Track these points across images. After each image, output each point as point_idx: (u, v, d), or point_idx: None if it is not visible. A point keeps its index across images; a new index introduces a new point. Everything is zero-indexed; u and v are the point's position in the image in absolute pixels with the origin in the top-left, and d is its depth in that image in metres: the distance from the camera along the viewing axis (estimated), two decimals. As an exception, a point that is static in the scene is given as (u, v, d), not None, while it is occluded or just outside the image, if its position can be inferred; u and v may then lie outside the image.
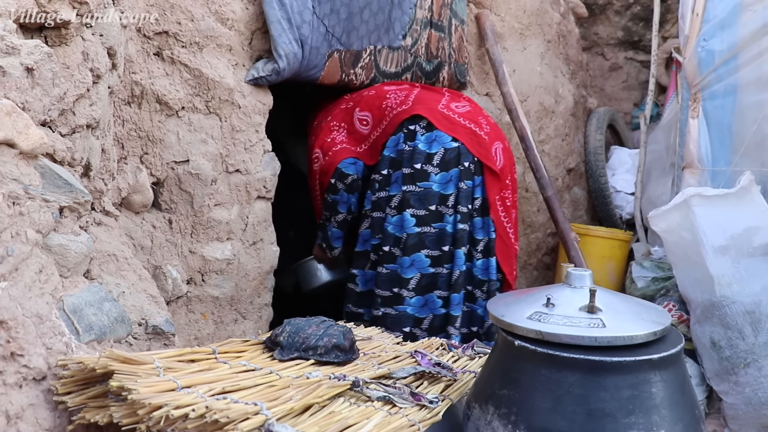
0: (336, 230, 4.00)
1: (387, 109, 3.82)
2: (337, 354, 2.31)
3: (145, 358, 1.92)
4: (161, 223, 3.19)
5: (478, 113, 3.93)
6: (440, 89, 4.14)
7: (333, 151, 3.88)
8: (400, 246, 3.68)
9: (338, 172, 3.83)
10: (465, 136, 3.74)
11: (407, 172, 3.69)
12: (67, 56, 2.17)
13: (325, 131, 4.00)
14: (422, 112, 3.74)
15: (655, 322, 1.95)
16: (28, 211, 1.86)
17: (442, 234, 3.68)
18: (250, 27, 3.39)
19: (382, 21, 3.90)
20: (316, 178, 3.97)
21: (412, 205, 3.67)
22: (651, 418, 1.81)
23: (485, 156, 3.76)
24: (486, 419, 1.93)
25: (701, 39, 4.46)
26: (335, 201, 3.89)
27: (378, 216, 3.78)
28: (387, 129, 3.80)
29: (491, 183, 3.79)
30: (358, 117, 3.92)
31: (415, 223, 3.66)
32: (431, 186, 3.67)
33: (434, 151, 3.69)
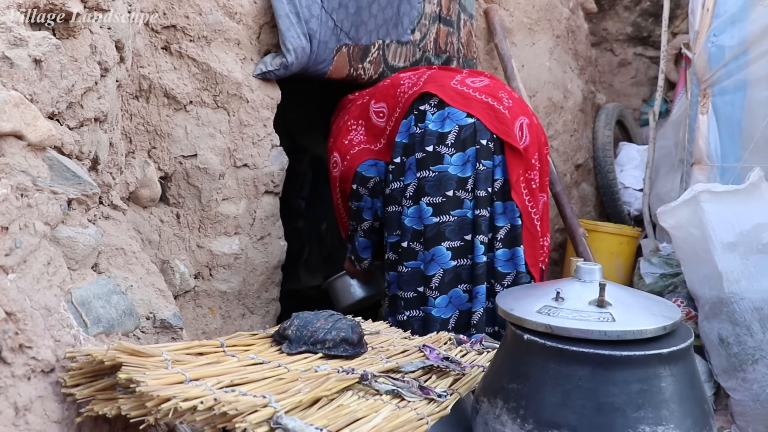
0: (363, 239, 3.68)
1: (400, 95, 3.50)
2: (345, 347, 2.31)
3: (153, 351, 1.91)
4: (169, 217, 3.20)
5: (499, 87, 3.52)
6: (459, 69, 3.78)
7: (351, 154, 3.59)
8: (420, 240, 3.33)
9: (358, 176, 3.53)
10: (481, 111, 3.33)
11: (420, 156, 3.31)
12: (75, 49, 2.17)
13: (342, 132, 3.74)
14: (432, 89, 3.39)
15: (665, 316, 1.94)
16: (37, 203, 1.86)
17: (463, 222, 3.30)
18: (258, 21, 3.38)
19: (391, 15, 3.89)
20: (336, 186, 3.73)
21: (428, 192, 3.29)
22: (660, 413, 1.81)
23: (505, 132, 3.32)
24: (495, 413, 1.93)
25: (711, 34, 4.44)
26: (359, 208, 3.59)
27: (394, 210, 3.42)
28: (399, 115, 3.46)
29: (513, 162, 3.34)
30: (374, 110, 3.63)
31: (433, 212, 3.29)
32: (446, 169, 3.28)
33: (447, 130, 3.30)
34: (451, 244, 3.29)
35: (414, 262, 3.35)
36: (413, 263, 3.36)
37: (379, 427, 1.83)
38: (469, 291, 3.32)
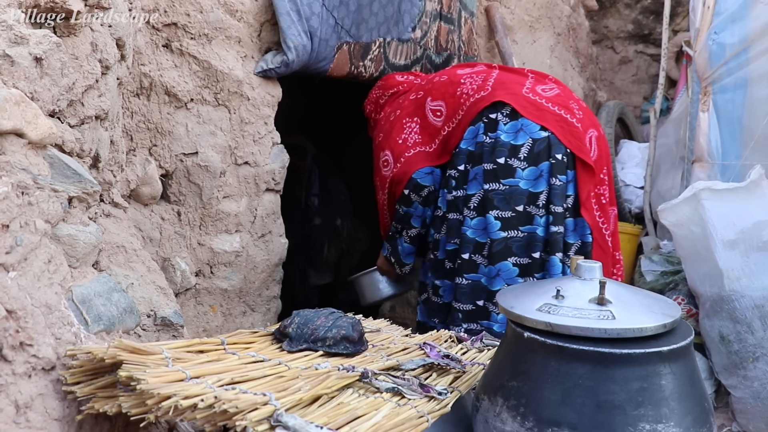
0: (408, 246, 3.63)
1: (463, 96, 3.37)
2: (345, 345, 2.31)
3: (153, 349, 1.92)
4: (170, 215, 3.20)
5: (569, 97, 3.40)
6: (521, 70, 3.65)
7: (406, 157, 3.48)
8: (483, 253, 3.22)
9: (413, 183, 3.44)
10: (555, 125, 3.22)
11: (489, 168, 3.20)
12: (75, 47, 2.17)
13: (396, 129, 3.58)
14: (505, 98, 3.24)
15: (665, 314, 1.94)
16: (37, 201, 1.86)
17: (532, 238, 3.18)
18: (259, 19, 3.38)
19: (392, 13, 3.89)
20: (385, 185, 3.59)
21: (497, 205, 3.18)
22: (660, 411, 1.81)
23: (578, 147, 3.22)
24: (495, 411, 1.93)
25: (712, 32, 4.45)
26: (408, 214, 3.52)
27: (454, 218, 3.32)
28: (464, 119, 3.33)
29: (585, 178, 3.23)
30: (430, 108, 3.49)
31: (501, 226, 3.17)
32: (518, 183, 3.17)
33: (520, 143, 3.19)
34: (519, 260, 3.19)
35: (475, 275, 3.26)
36: (474, 276, 3.26)
37: (379, 424, 1.83)
38: None
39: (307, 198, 5.11)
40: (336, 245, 5.31)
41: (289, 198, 4.83)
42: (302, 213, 5.14)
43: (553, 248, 3.17)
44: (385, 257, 3.78)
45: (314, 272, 5.29)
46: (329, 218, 5.24)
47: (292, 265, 4.84)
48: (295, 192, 5.08)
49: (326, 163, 5.34)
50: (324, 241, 5.23)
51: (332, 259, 5.31)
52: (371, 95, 3.93)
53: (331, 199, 5.22)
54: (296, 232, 4.85)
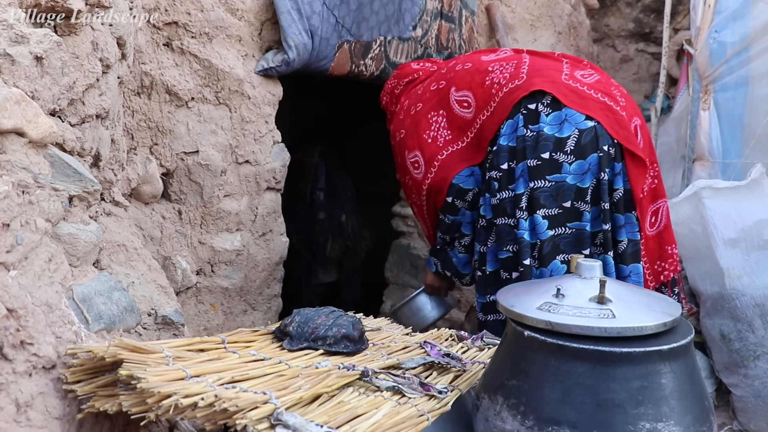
0: (464, 255, 3.34)
1: (494, 86, 3.08)
2: (346, 344, 2.31)
3: (154, 348, 1.92)
4: (171, 213, 3.20)
5: (609, 83, 3.13)
6: (552, 54, 3.35)
7: (440, 160, 3.20)
8: (533, 255, 2.96)
9: (455, 189, 3.17)
10: (600, 113, 2.94)
11: (533, 164, 2.92)
12: (76, 46, 2.17)
13: (422, 125, 3.29)
14: (544, 86, 2.96)
15: (665, 313, 1.94)
16: (38, 200, 1.86)
17: (581, 236, 2.94)
18: (260, 17, 3.38)
19: (393, 12, 3.89)
20: (421, 190, 3.31)
21: (543, 203, 2.92)
22: (660, 409, 1.81)
23: (626, 137, 2.94)
24: (495, 410, 1.93)
25: (713, 30, 4.45)
26: (457, 222, 3.25)
27: (504, 223, 3.01)
28: (498, 112, 3.03)
29: (635, 170, 2.96)
30: (455, 99, 3.20)
31: (548, 225, 2.93)
32: (564, 179, 2.91)
33: (566, 135, 2.91)
34: (567, 258, 2.93)
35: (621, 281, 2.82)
36: None
37: (379, 423, 1.83)
38: None
39: (312, 192, 5.09)
40: (340, 241, 5.29)
41: (294, 193, 4.83)
42: (307, 208, 5.13)
43: (605, 246, 2.93)
44: (436, 273, 3.50)
45: (321, 269, 5.27)
46: (334, 213, 5.22)
47: (298, 262, 4.84)
48: (301, 186, 5.07)
49: (333, 159, 5.32)
50: (328, 236, 5.21)
51: (335, 255, 5.28)
52: (387, 86, 3.69)
53: (336, 195, 5.20)
54: (301, 227, 4.84)
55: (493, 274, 3.09)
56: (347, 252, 5.36)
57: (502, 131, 2.99)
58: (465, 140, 3.17)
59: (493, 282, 3.06)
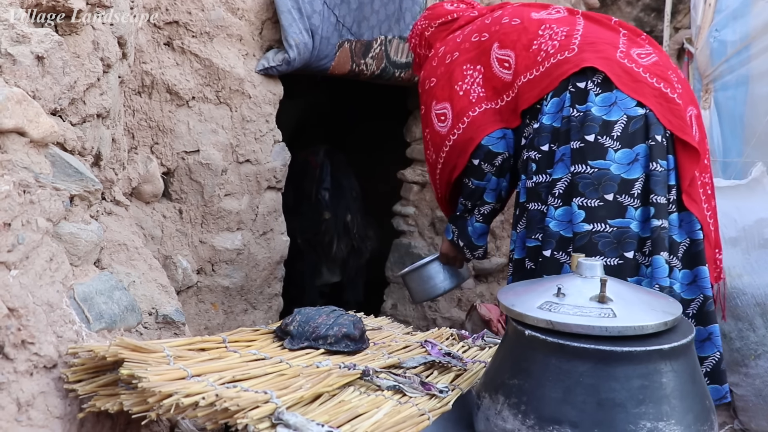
0: (480, 225, 3.10)
1: (540, 53, 2.80)
2: (347, 343, 2.31)
3: (155, 347, 1.92)
4: (171, 212, 3.20)
5: (667, 65, 2.81)
6: (609, 20, 2.98)
7: (471, 117, 2.91)
8: (568, 250, 2.66)
9: (483, 150, 2.90)
10: (653, 100, 2.66)
11: (576, 146, 2.65)
12: (77, 45, 2.17)
13: (456, 74, 2.99)
14: (596, 63, 2.68)
15: (665, 312, 1.94)
16: (39, 200, 1.86)
17: (624, 234, 2.61)
18: (261, 17, 3.38)
19: (393, 11, 3.89)
20: (441, 146, 3.03)
21: (582, 192, 2.62)
22: (661, 408, 1.81)
23: (680, 128, 2.66)
24: (496, 409, 1.93)
25: (713, 29, 4.44)
26: (480, 188, 2.99)
27: (536, 208, 2.76)
28: (541, 83, 2.77)
29: (687, 164, 2.68)
30: (497, 56, 2.91)
31: (585, 217, 2.62)
32: (609, 167, 2.62)
33: (614, 119, 2.64)
34: (607, 261, 2.58)
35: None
36: None
37: (380, 422, 1.83)
38: None
39: (317, 192, 5.07)
40: (345, 242, 5.26)
41: (299, 192, 4.83)
42: (313, 208, 5.11)
43: (657, 246, 2.59)
44: (451, 242, 3.23)
45: (326, 269, 5.26)
46: (340, 213, 5.19)
47: (302, 262, 4.83)
48: (306, 186, 5.06)
49: (339, 158, 5.30)
50: (333, 236, 5.18)
51: (341, 255, 5.26)
52: (416, 27, 3.41)
53: (342, 195, 5.17)
54: (306, 227, 4.83)
55: (518, 262, 2.87)
56: (352, 252, 5.34)
57: (546, 109, 2.75)
58: (499, 102, 2.91)
59: (518, 270, 2.86)
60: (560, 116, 2.71)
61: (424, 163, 4.70)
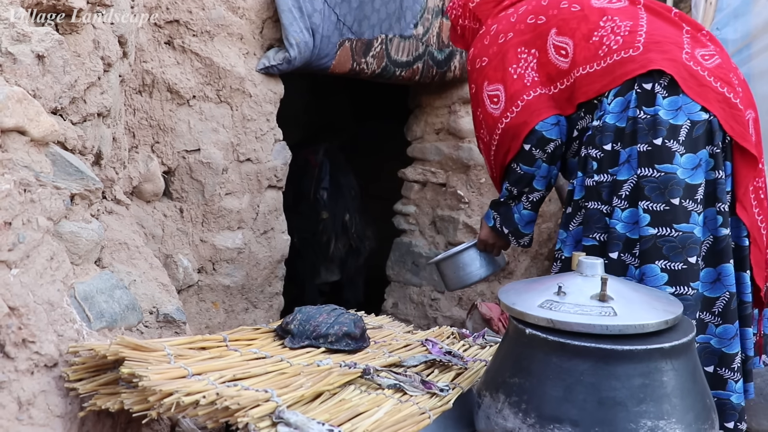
0: (528, 213, 3.01)
1: (602, 47, 2.71)
2: (347, 342, 2.31)
3: (156, 346, 1.92)
4: (172, 211, 3.20)
5: (729, 67, 2.74)
6: (669, 11, 2.87)
7: (525, 101, 2.83)
8: (633, 251, 2.61)
9: (536, 136, 2.81)
10: (717, 106, 2.60)
11: (644, 149, 2.58)
12: (78, 44, 2.17)
13: (509, 56, 2.89)
14: (664, 65, 2.60)
15: (666, 310, 1.94)
16: (39, 198, 1.86)
17: (688, 240, 2.54)
18: (261, 16, 3.38)
19: (394, 10, 3.88)
20: (496, 129, 2.93)
21: (648, 195, 2.56)
22: (662, 407, 1.81)
23: (741, 134, 2.61)
24: (496, 407, 1.93)
25: (714, 28, 4.43)
26: (529, 175, 2.90)
27: (595, 207, 2.68)
28: (603, 78, 2.70)
29: (744, 170, 2.65)
30: (554, 43, 2.81)
31: (650, 221, 2.56)
32: (675, 171, 2.55)
33: (680, 123, 2.57)
34: (670, 265, 2.54)
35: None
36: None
37: (380, 421, 1.83)
38: None
39: (316, 191, 5.05)
40: (343, 241, 5.24)
41: (299, 190, 4.82)
42: (311, 207, 5.09)
43: (724, 256, 2.59)
44: (493, 228, 3.13)
45: (324, 268, 5.25)
46: (338, 213, 5.17)
47: (301, 261, 4.82)
48: (306, 185, 5.05)
49: (338, 157, 5.28)
50: (331, 235, 5.15)
51: (339, 254, 5.24)
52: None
53: (341, 194, 5.15)
54: (305, 226, 4.82)
55: (568, 261, 2.74)
56: (350, 252, 5.32)
57: (609, 108, 2.67)
58: (553, 90, 2.83)
59: (568, 269, 2.61)
60: (625, 116, 2.64)
61: (424, 161, 4.72)
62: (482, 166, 4.49)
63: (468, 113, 4.53)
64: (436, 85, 4.53)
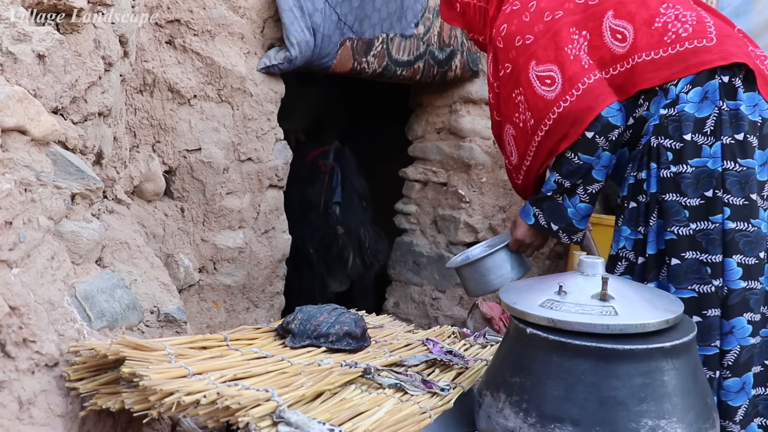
0: (585, 206, 2.80)
1: (668, 34, 2.61)
2: (348, 341, 2.31)
3: (156, 345, 1.92)
4: (173, 211, 3.20)
5: None
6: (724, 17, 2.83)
7: (587, 85, 2.65)
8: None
9: (602, 122, 2.62)
10: None
11: (728, 142, 2.50)
12: (78, 44, 2.17)
13: (563, 37, 2.72)
14: (746, 60, 2.54)
15: (667, 310, 1.94)
16: (40, 198, 1.86)
17: (759, 235, 2.51)
18: (262, 15, 3.38)
19: (395, 9, 3.88)
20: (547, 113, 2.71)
21: (728, 189, 2.50)
22: (663, 406, 1.81)
23: None
24: (497, 407, 1.93)
25: (715, 27, 4.44)
26: (587, 165, 2.70)
27: (674, 200, 2.54)
28: (671, 66, 2.58)
29: None
30: (611, 25, 2.68)
31: (730, 215, 2.50)
32: (753, 166, 2.51)
33: (756, 119, 2.54)
34: (745, 260, 2.50)
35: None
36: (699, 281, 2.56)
37: (381, 420, 1.83)
38: (755, 323, 2.52)
39: (327, 205, 4.82)
40: (360, 256, 5.03)
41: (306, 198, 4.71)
42: (322, 218, 4.86)
43: None
44: (534, 226, 2.91)
45: (333, 280, 5.12)
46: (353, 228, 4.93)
47: (312, 272, 4.74)
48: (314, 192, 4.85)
49: (349, 162, 5.01)
50: (349, 251, 4.93)
51: (356, 270, 5.03)
52: None
53: (354, 207, 4.91)
54: (316, 237, 4.71)
55: (654, 258, 2.62)
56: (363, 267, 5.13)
57: (688, 97, 2.55)
58: (604, 75, 2.69)
59: (653, 267, 2.62)
60: (705, 107, 2.55)
61: (425, 161, 4.71)
62: (483, 165, 4.49)
63: (469, 112, 4.53)
64: (437, 85, 4.53)
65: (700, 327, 2.41)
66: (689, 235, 2.52)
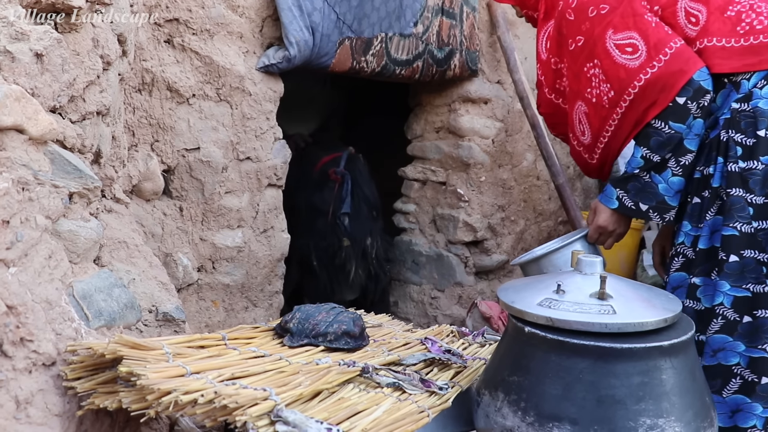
0: (678, 179, 2.65)
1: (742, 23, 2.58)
2: (346, 340, 2.31)
3: (154, 344, 1.92)
4: (172, 210, 3.20)
5: None
6: None
7: (675, 48, 2.57)
8: None
9: (694, 87, 2.53)
10: None
11: None
12: (77, 42, 2.17)
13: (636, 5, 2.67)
14: None
15: (666, 308, 1.94)
16: (38, 197, 1.86)
17: None
18: (261, 14, 3.38)
19: (394, 8, 3.88)
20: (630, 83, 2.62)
21: None
22: (661, 405, 1.81)
23: None
24: (496, 406, 1.93)
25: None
26: (678, 135, 2.59)
27: (739, 195, 2.49)
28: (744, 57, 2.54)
29: None
30: (686, 7, 2.63)
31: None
32: None
33: None
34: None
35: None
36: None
37: (379, 419, 1.83)
38: None
39: (336, 215, 4.72)
40: (363, 266, 4.94)
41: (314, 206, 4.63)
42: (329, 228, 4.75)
43: None
44: (618, 209, 2.76)
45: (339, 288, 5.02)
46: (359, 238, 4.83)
47: (318, 282, 4.68)
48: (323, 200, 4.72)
49: (361, 169, 4.84)
50: (351, 262, 4.85)
51: (359, 281, 4.95)
52: None
53: (362, 217, 4.82)
54: (322, 247, 4.63)
55: (704, 253, 2.59)
56: (370, 278, 5.01)
57: (762, 93, 2.52)
58: None
59: (703, 261, 2.58)
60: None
61: (424, 160, 4.71)
62: (482, 164, 4.49)
63: (468, 111, 4.53)
64: (435, 84, 4.53)
65: (748, 327, 2.45)
66: (751, 233, 2.47)
